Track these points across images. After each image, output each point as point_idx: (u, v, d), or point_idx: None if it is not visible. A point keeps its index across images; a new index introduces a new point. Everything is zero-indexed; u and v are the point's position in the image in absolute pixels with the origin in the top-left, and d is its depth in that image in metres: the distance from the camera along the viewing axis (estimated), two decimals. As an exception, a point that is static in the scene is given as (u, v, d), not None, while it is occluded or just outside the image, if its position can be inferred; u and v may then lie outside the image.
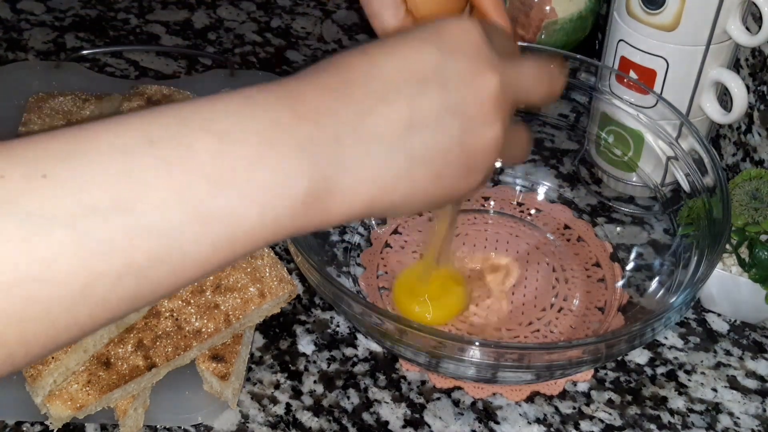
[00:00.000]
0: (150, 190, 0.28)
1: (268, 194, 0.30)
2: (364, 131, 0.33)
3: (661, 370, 0.56)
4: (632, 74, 0.63)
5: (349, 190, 0.32)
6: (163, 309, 0.54)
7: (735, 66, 0.65)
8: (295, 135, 0.31)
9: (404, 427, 0.53)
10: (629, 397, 0.55)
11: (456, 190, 0.36)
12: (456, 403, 0.54)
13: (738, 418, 0.54)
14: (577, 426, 0.53)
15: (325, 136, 0.31)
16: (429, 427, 0.53)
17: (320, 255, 0.61)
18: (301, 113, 0.31)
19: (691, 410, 0.54)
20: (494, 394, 0.55)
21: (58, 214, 0.26)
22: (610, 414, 0.54)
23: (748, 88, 0.62)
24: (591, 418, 0.54)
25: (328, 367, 0.56)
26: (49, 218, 0.26)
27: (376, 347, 0.57)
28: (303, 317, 0.60)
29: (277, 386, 0.55)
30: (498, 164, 0.70)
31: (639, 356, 0.57)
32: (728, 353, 0.58)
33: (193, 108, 0.30)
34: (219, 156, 0.29)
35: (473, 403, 0.54)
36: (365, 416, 0.53)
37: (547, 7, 0.74)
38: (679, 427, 0.53)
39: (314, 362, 0.57)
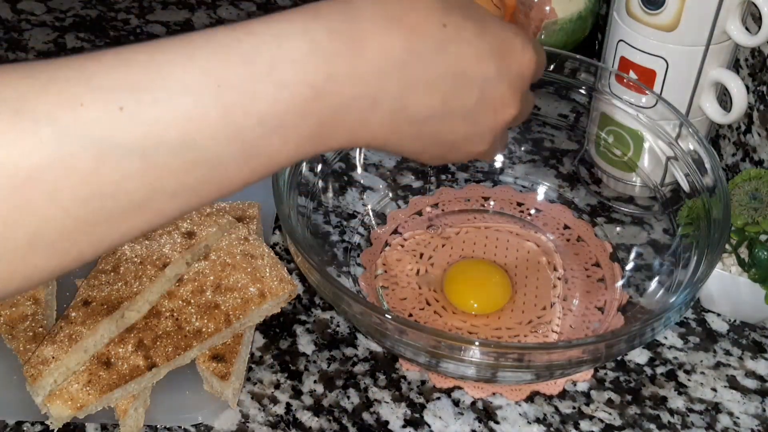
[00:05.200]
0: (212, 130, 0.31)
1: (304, 138, 0.35)
2: (398, 107, 0.37)
3: (660, 369, 0.57)
4: (632, 74, 0.63)
5: (362, 142, 0.38)
6: (164, 309, 0.54)
7: (734, 66, 0.65)
8: (343, 95, 0.35)
9: (404, 426, 0.53)
10: (629, 397, 0.55)
11: (433, 160, 0.44)
12: (456, 402, 0.54)
13: (737, 417, 0.54)
14: (576, 426, 0.53)
15: (366, 99, 0.35)
16: (429, 426, 0.53)
17: (320, 255, 0.61)
18: (357, 71, 0.35)
19: (691, 410, 0.54)
20: (494, 393, 0.55)
21: (130, 144, 0.30)
22: (609, 414, 0.54)
23: (747, 88, 0.62)
24: (591, 417, 0.54)
25: (328, 366, 0.56)
26: (121, 148, 0.30)
27: (376, 347, 0.58)
28: (303, 317, 0.60)
29: (277, 386, 0.55)
30: (498, 164, 0.71)
31: (639, 356, 0.57)
32: (728, 353, 0.58)
33: (260, 49, 0.33)
34: (275, 105, 0.33)
35: (473, 403, 0.54)
36: (365, 416, 0.53)
37: (547, 7, 0.74)
38: (679, 426, 0.53)
39: (314, 362, 0.57)
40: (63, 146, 0.29)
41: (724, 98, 0.65)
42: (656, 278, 0.60)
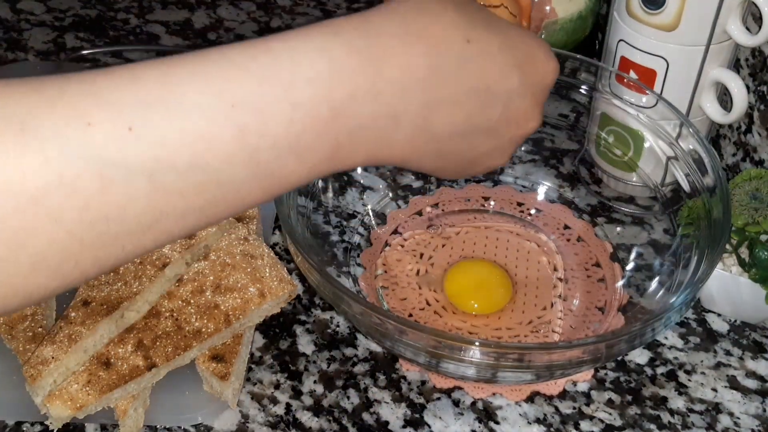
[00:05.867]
0: (225, 151, 0.30)
1: (320, 158, 0.34)
2: (421, 125, 0.36)
3: (661, 370, 0.56)
4: (632, 74, 0.63)
5: (380, 161, 0.37)
6: (163, 309, 0.54)
7: (735, 66, 0.65)
8: (362, 114, 0.33)
9: (404, 427, 0.53)
10: (629, 397, 0.55)
11: (453, 176, 0.43)
12: (456, 403, 0.54)
13: (738, 418, 0.54)
14: (577, 426, 0.53)
15: (387, 119, 0.34)
16: (429, 427, 0.53)
17: (320, 255, 0.61)
18: (377, 90, 0.34)
19: (691, 410, 0.54)
20: (494, 394, 0.55)
21: (138, 166, 0.29)
22: (610, 414, 0.54)
23: (748, 88, 0.62)
24: (591, 418, 0.54)
25: (328, 367, 0.56)
26: (129, 169, 0.29)
27: (376, 347, 0.57)
28: (303, 317, 0.60)
29: (277, 386, 0.55)
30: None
31: (639, 356, 0.57)
32: (728, 353, 0.58)
33: (276, 67, 0.32)
34: (291, 126, 0.32)
35: (473, 403, 0.54)
36: (365, 416, 0.53)
37: (548, 7, 0.74)
38: (679, 427, 0.53)
39: (314, 362, 0.57)
40: (69, 167, 0.28)
41: (724, 98, 0.65)
42: (657, 278, 0.60)
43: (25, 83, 0.29)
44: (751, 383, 0.56)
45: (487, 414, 0.54)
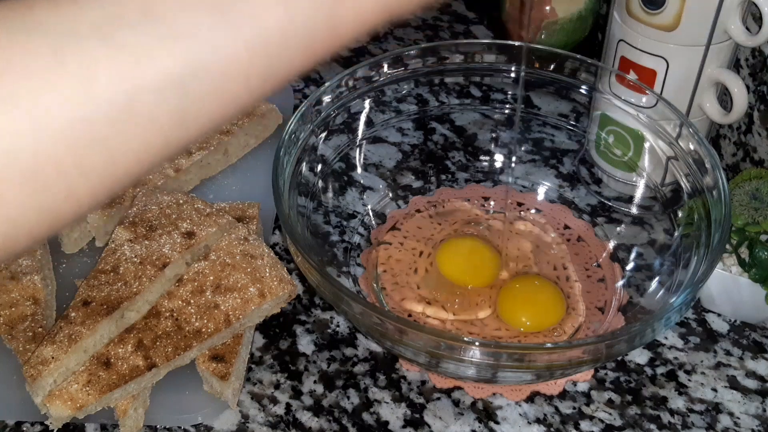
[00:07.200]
0: None
1: None
2: None
3: (661, 370, 0.56)
4: (632, 74, 0.63)
5: None
6: (163, 309, 0.54)
7: (735, 66, 0.65)
8: None
9: (404, 427, 0.53)
10: (629, 397, 0.55)
11: None
12: (456, 403, 0.54)
13: (738, 418, 0.54)
14: (577, 426, 0.53)
15: None
16: (429, 427, 0.53)
17: (320, 255, 0.61)
18: None
19: (691, 410, 0.54)
20: (494, 394, 0.55)
21: (88, 30, 0.27)
22: (610, 414, 0.54)
23: (748, 88, 0.62)
24: (591, 418, 0.54)
25: (328, 367, 0.56)
26: (80, 35, 0.27)
27: (376, 347, 0.57)
28: (303, 317, 0.60)
29: (277, 386, 0.55)
30: (498, 164, 0.70)
31: (639, 356, 0.57)
32: (728, 353, 0.58)
33: None
34: None
35: (473, 403, 0.54)
36: (365, 416, 0.53)
37: (547, 7, 0.74)
38: (679, 427, 0.53)
39: (314, 362, 0.57)
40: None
41: (724, 98, 0.65)
42: (657, 278, 0.60)
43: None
44: (751, 383, 0.56)
45: (487, 414, 0.54)
